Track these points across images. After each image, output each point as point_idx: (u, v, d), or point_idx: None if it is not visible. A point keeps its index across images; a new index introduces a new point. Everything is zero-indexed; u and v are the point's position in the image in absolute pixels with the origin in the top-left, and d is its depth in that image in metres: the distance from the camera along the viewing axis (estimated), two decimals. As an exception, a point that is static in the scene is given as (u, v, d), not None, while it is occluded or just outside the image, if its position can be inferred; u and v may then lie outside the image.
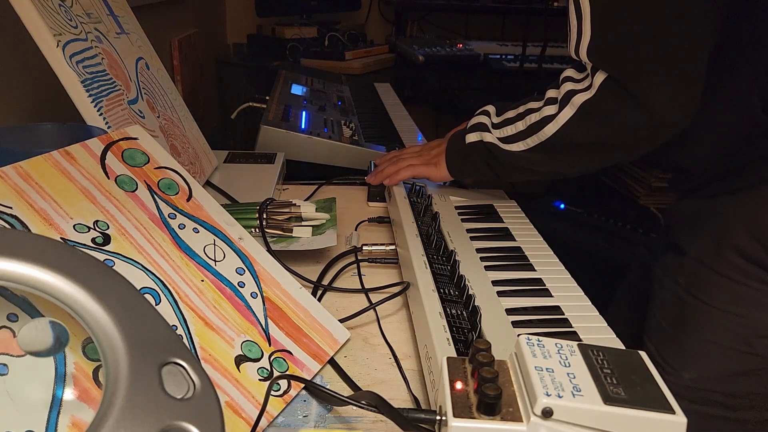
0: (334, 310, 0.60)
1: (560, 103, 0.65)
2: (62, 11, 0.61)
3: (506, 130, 0.72)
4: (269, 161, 0.94)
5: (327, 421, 0.46)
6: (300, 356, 0.50)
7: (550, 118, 0.66)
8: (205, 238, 0.51)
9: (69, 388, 0.37)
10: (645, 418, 0.33)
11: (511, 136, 0.71)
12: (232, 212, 0.59)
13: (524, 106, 0.71)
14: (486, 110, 0.77)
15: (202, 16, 1.87)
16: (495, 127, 0.74)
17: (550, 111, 0.66)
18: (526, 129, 0.69)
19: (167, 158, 0.54)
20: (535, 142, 0.68)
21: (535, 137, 0.68)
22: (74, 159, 0.47)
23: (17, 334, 0.36)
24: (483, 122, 0.75)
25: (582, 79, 0.64)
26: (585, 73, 0.63)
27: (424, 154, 0.84)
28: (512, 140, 0.71)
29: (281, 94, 1.23)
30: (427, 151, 0.84)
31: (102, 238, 0.45)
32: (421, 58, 1.90)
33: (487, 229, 0.71)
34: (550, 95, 0.67)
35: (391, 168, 0.84)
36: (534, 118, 0.68)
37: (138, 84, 0.73)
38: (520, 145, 0.70)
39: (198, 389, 0.31)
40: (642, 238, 1.52)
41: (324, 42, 1.97)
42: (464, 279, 0.57)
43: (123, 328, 0.31)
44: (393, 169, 0.84)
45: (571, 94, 0.64)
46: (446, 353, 0.43)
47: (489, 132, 0.74)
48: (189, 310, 0.46)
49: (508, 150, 0.71)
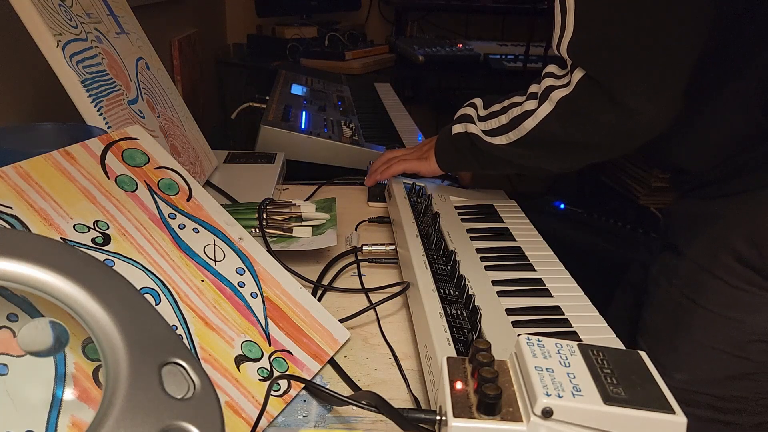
0: (334, 310, 0.60)
1: (540, 99, 0.65)
2: (62, 11, 0.61)
3: (490, 123, 0.72)
4: (269, 161, 0.94)
5: (327, 421, 0.46)
6: (300, 356, 0.50)
7: (529, 113, 0.66)
8: (205, 238, 0.51)
9: (69, 388, 0.37)
10: (645, 418, 0.33)
11: (494, 129, 0.71)
12: (232, 212, 0.59)
13: (509, 99, 0.71)
14: (473, 102, 0.78)
15: (202, 16, 1.87)
16: (480, 120, 0.74)
17: (531, 106, 0.66)
18: (508, 123, 0.69)
19: (167, 158, 0.54)
20: (516, 137, 0.68)
21: (516, 131, 0.68)
22: (74, 159, 0.47)
23: (17, 334, 0.36)
24: (469, 114, 0.76)
25: (562, 75, 0.64)
26: (566, 69, 0.63)
27: (417, 150, 0.86)
28: (495, 133, 0.71)
29: (281, 94, 1.23)
30: (420, 147, 0.86)
31: (102, 238, 0.45)
32: (421, 58, 1.90)
33: (487, 229, 0.71)
34: (532, 90, 0.68)
35: (384, 165, 0.85)
36: (516, 112, 0.68)
37: (138, 84, 0.73)
38: (502, 138, 0.70)
39: (198, 389, 0.31)
40: (642, 238, 1.52)
41: (324, 42, 1.97)
42: (464, 279, 0.57)
43: (123, 328, 0.31)
44: (385, 165, 0.85)
45: (550, 90, 0.64)
46: (446, 353, 0.43)
47: (473, 123, 0.74)
48: (189, 310, 0.46)
49: (491, 143, 0.71)
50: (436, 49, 1.96)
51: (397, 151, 0.90)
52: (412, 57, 1.93)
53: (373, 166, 0.88)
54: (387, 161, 0.87)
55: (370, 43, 2.07)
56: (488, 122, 0.72)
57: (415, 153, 0.85)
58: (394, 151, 0.90)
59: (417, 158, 0.84)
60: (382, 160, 0.88)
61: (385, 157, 0.89)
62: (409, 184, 0.82)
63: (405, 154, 0.87)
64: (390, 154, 0.89)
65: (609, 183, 2.21)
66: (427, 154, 0.82)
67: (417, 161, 0.83)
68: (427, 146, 0.84)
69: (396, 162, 0.84)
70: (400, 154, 0.87)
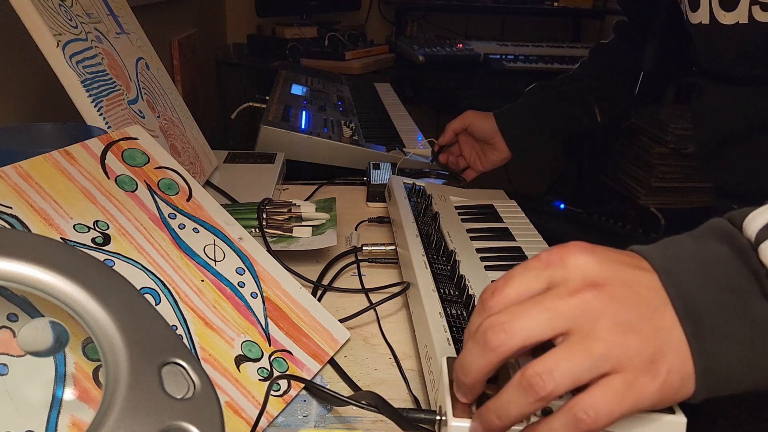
0: (334, 310, 0.60)
1: None
2: (62, 11, 0.61)
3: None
4: (269, 161, 0.94)
5: (327, 421, 0.46)
6: (300, 356, 0.50)
7: None
8: (205, 238, 0.51)
9: (69, 388, 0.37)
10: (645, 418, 0.33)
11: None
12: (232, 212, 0.59)
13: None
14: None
15: (202, 16, 1.87)
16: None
17: None
18: None
19: (167, 158, 0.54)
20: None
21: None
22: (74, 159, 0.47)
23: (17, 334, 0.36)
24: None
25: None
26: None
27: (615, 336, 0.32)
28: None
29: (281, 94, 1.23)
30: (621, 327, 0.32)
31: (102, 238, 0.45)
32: (421, 58, 1.90)
33: (487, 229, 0.71)
34: None
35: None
36: None
37: (138, 84, 0.73)
38: None
39: (198, 389, 0.31)
40: (642, 238, 1.52)
41: (324, 42, 1.97)
42: (464, 279, 0.57)
43: (123, 328, 0.31)
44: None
45: None
46: (446, 353, 0.43)
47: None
48: (189, 310, 0.46)
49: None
50: (436, 49, 1.96)
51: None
52: (412, 57, 1.93)
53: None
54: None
55: (370, 43, 2.07)
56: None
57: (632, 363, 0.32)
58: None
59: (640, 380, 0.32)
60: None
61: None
62: (409, 183, 0.82)
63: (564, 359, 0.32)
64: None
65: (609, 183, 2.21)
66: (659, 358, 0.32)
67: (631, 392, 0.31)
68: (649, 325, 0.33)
69: None
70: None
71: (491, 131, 0.96)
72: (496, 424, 0.33)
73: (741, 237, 0.33)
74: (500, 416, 0.32)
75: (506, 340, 0.32)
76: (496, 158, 0.98)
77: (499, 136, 0.96)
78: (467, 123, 0.97)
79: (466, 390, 0.35)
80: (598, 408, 0.30)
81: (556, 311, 0.32)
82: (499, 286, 0.35)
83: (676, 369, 0.31)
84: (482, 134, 0.97)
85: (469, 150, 1.00)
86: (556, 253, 0.34)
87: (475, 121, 0.96)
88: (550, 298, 0.32)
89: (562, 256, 0.34)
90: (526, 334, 0.32)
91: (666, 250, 0.35)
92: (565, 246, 0.34)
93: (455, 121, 0.98)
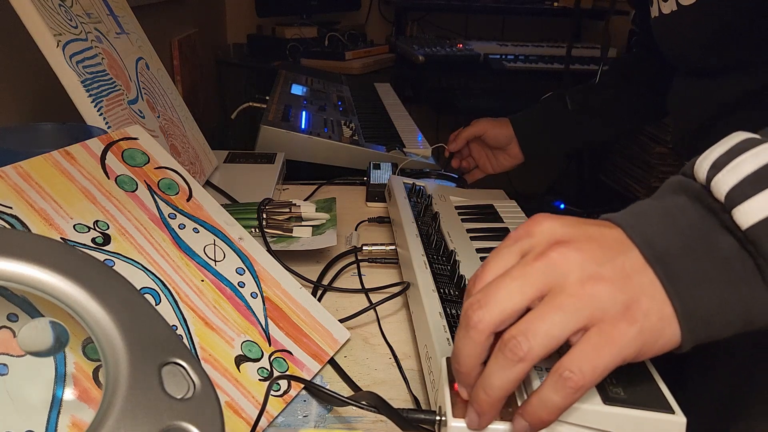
0: (334, 310, 0.60)
1: None
2: (62, 11, 0.61)
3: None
4: (269, 161, 0.94)
5: (327, 421, 0.46)
6: (300, 356, 0.50)
7: None
8: (205, 238, 0.51)
9: (69, 388, 0.37)
10: (645, 418, 0.33)
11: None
12: (232, 212, 0.59)
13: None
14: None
15: (202, 16, 1.87)
16: None
17: None
18: None
19: (167, 158, 0.54)
20: None
21: None
22: (74, 159, 0.47)
23: (17, 334, 0.36)
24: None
25: None
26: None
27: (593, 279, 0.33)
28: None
29: (281, 94, 1.23)
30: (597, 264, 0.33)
31: (102, 238, 0.45)
32: (421, 58, 1.90)
33: (487, 229, 0.71)
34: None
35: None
36: None
37: (138, 84, 0.73)
38: None
39: (198, 389, 0.31)
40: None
41: (324, 42, 1.97)
42: (464, 279, 0.57)
43: (123, 328, 0.31)
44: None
45: None
46: (446, 353, 0.43)
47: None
48: (189, 310, 0.46)
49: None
50: (436, 49, 1.96)
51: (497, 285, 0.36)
52: (412, 57, 1.93)
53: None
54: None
55: (370, 43, 2.07)
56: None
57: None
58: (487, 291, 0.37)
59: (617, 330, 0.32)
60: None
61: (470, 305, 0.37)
62: (409, 183, 0.82)
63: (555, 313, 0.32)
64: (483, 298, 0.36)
65: (609, 183, 2.21)
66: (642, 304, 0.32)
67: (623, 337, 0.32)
68: (623, 264, 0.33)
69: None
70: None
71: (507, 139, 0.95)
72: (484, 399, 0.33)
73: (694, 183, 0.34)
74: (486, 389, 0.33)
75: (483, 315, 0.32)
76: (508, 163, 0.97)
77: (515, 143, 0.95)
78: (481, 132, 0.96)
79: (463, 378, 0.35)
80: (580, 364, 0.30)
81: (524, 277, 0.32)
82: (478, 273, 0.35)
83: (653, 311, 0.31)
84: (497, 142, 0.96)
85: (479, 153, 0.99)
86: (523, 226, 0.35)
87: (489, 130, 0.95)
88: (519, 267, 0.33)
89: (528, 227, 0.35)
90: (501, 306, 0.32)
91: (629, 210, 0.35)
92: (530, 218, 0.35)
93: (468, 129, 0.97)
